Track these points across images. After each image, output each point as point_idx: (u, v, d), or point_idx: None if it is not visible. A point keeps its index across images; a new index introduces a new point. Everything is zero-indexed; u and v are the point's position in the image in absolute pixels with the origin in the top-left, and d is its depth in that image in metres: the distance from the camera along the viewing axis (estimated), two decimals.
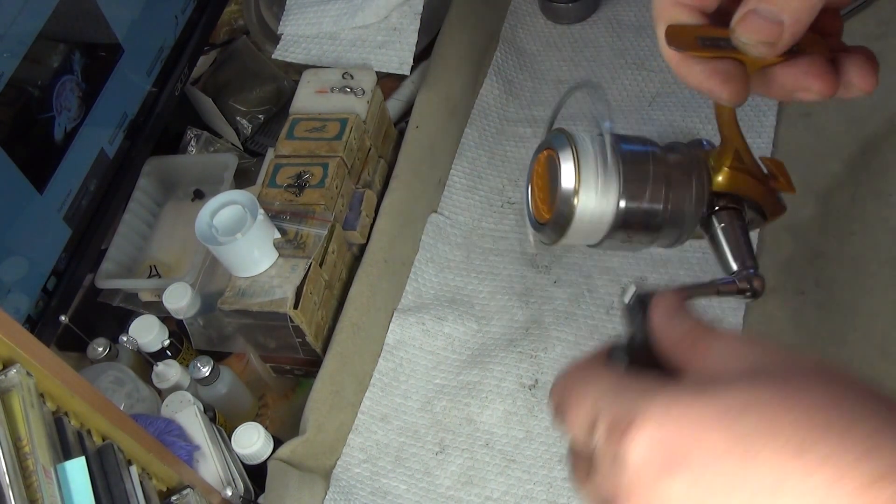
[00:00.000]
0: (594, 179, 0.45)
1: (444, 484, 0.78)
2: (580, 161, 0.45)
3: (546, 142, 0.48)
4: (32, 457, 0.47)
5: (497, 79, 1.04)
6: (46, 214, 0.81)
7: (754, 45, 0.39)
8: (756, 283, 0.47)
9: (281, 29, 1.09)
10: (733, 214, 0.49)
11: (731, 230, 0.48)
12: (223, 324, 0.87)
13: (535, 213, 0.48)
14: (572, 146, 0.45)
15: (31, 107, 0.78)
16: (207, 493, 0.67)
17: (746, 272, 0.47)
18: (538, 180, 0.48)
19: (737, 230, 0.48)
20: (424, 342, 0.86)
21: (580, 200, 0.45)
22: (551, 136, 0.47)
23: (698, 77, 0.41)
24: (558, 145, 0.46)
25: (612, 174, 0.45)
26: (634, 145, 0.47)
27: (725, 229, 0.48)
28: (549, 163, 0.47)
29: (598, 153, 0.46)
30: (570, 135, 0.46)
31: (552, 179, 0.46)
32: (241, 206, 0.80)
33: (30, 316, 0.79)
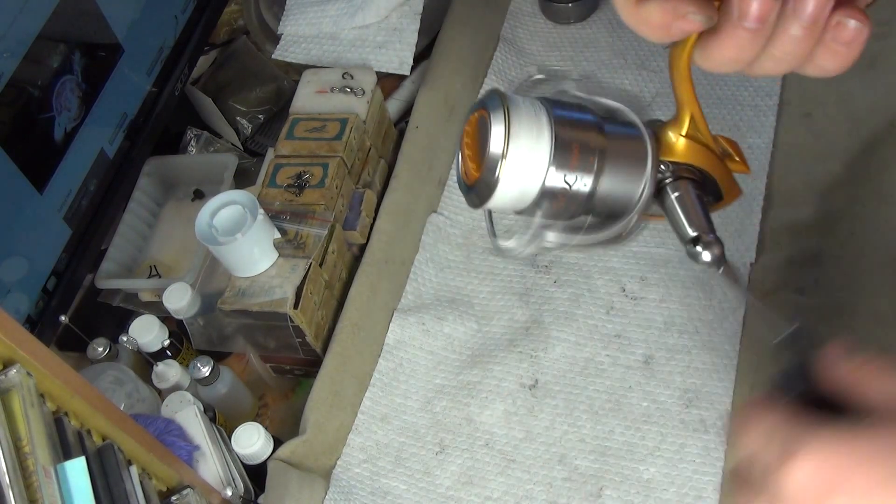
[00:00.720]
0: (523, 143, 0.43)
1: (444, 484, 0.78)
2: (511, 123, 0.43)
3: (480, 102, 0.46)
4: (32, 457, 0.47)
5: (497, 79, 1.04)
6: (46, 214, 0.81)
7: None
8: (716, 248, 0.45)
9: (281, 29, 1.09)
10: (689, 184, 0.47)
11: (687, 197, 0.47)
12: (223, 324, 0.87)
13: (463, 174, 0.47)
14: (505, 107, 0.44)
15: (31, 107, 0.78)
16: (207, 493, 0.67)
17: (706, 237, 0.46)
18: (468, 140, 0.47)
19: (692, 197, 0.47)
20: (424, 342, 0.86)
21: (506, 164, 0.43)
22: (485, 97, 0.46)
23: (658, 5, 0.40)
24: (491, 106, 0.45)
25: (544, 139, 0.44)
26: (571, 111, 0.46)
27: (680, 197, 0.47)
28: (479, 123, 0.46)
29: (531, 116, 0.44)
30: (504, 95, 0.45)
31: (482, 141, 0.45)
32: (241, 206, 0.80)
33: (30, 316, 0.79)
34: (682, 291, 0.83)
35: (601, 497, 0.74)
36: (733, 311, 0.80)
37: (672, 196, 0.47)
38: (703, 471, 0.73)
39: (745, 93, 0.94)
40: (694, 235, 0.46)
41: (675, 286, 0.84)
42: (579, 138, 0.44)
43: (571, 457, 0.77)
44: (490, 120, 0.44)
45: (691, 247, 0.46)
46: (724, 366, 0.78)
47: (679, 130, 0.47)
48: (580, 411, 0.79)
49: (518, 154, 0.43)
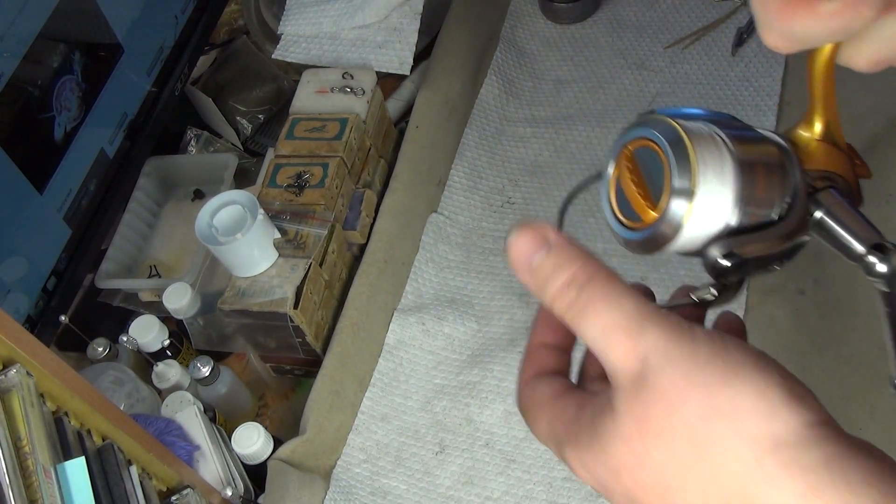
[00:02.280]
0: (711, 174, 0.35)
1: (444, 484, 0.78)
2: (696, 154, 0.35)
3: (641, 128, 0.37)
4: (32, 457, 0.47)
5: (497, 79, 1.04)
6: (46, 214, 0.81)
7: None
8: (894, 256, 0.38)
9: (281, 29, 1.09)
10: (833, 193, 0.39)
11: (839, 209, 0.39)
12: (223, 324, 0.87)
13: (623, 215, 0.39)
14: (683, 136, 0.36)
15: (31, 107, 0.78)
16: (207, 493, 0.67)
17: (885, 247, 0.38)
18: (633, 177, 0.38)
19: (845, 206, 0.39)
20: (424, 342, 0.86)
21: (696, 204, 0.35)
22: (647, 123, 0.37)
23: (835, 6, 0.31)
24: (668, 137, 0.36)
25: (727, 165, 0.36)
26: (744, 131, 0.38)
27: (831, 211, 0.39)
28: (639, 157, 0.38)
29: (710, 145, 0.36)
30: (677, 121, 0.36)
31: (648, 175, 0.37)
32: (241, 206, 0.80)
33: (30, 316, 0.79)
34: None
35: (601, 497, 0.74)
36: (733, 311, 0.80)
37: (822, 211, 0.39)
38: None
39: (746, 93, 0.94)
40: (875, 243, 0.38)
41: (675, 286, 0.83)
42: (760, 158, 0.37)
43: None
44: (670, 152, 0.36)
45: (869, 257, 0.39)
46: None
47: (813, 135, 0.40)
48: None
49: (708, 191, 0.36)
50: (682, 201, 0.36)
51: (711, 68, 0.98)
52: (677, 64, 1.00)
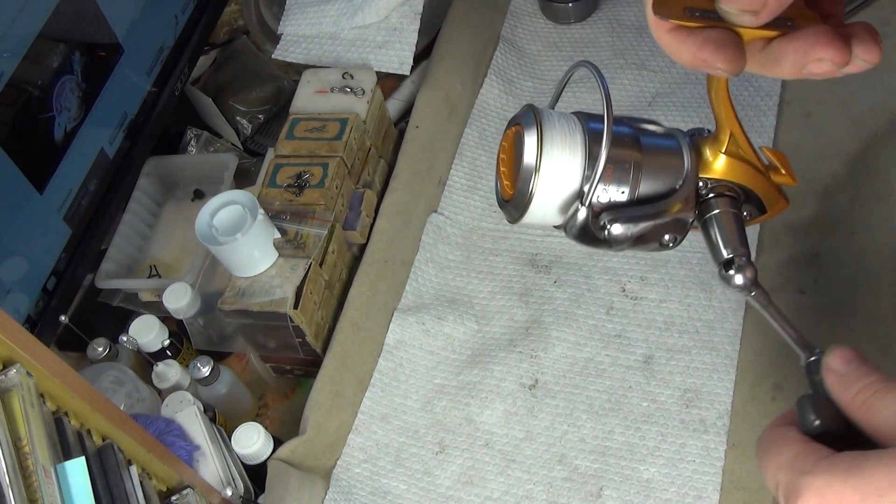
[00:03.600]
0: (557, 157, 0.43)
1: (444, 484, 0.78)
2: (544, 137, 0.43)
3: (515, 117, 0.46)
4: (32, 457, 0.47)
5: (497, 79, 1.04)
6: (46, 214, 0.81)
7: (737, 15, 0.38)
8: (749, 271, 0.45)
9: (281, 29, 1.09)
10: (727, 202, 0.47)
11: (724, 217, 0.47)
12: (223, 324, 0.87)
13: (500, 189, 0.47)
14: (538, 122, 0.44)
15: (31, 107, 0.78)
16: (207, 493, 0.67)
17: (739, 259, 0.45)
18: (504, 156, 0.47)
19: (730, 217, 0.47)
20: (424, 342, 0.86)
21: (539, 178, 0.43)
22: (520, 112, 0.46)
23: (690, 49, 0.40)
24: (525, 121, 0.45)
25: (577, 153, 0.44)
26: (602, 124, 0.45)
27: (718, 216, 0.47)
28: (515, 138, 0.46)
29: (565, 130, 0.44)
30: (537, 110, 0.45)
31: (517, 156, 0.45)
32: (241, 206, 0.80)
33: (30, 316, 0.79)
34: (682, 291, 0.83)
35: (601, 497, 0.74)
36: (733, 311, 0.80)
37: (708, 214, 0.47)
38: (703, 471, 0.73)
39: (745, 93, 0.94)
40: (728, 258, 0.46)
41: (675, 286, 0.84)
42: (614, 152, 0.44)
43: (571, 457, 0.77)
44: (524, 135, 0.44)
45: (724, 269, 0.46)
46: (724, 366, 0.78)
47: (718, 148, 0.47)
48: (580, 411, 0.79)
49: (551, 167, 0.43)
50: (530, 175, 0.43)
51: None
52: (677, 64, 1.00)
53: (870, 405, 0.39)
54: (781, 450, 0.40)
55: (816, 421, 0.40)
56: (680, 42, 0.40)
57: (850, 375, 0.40)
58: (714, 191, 0.47)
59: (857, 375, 0.40)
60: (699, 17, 0.40)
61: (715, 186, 0.47)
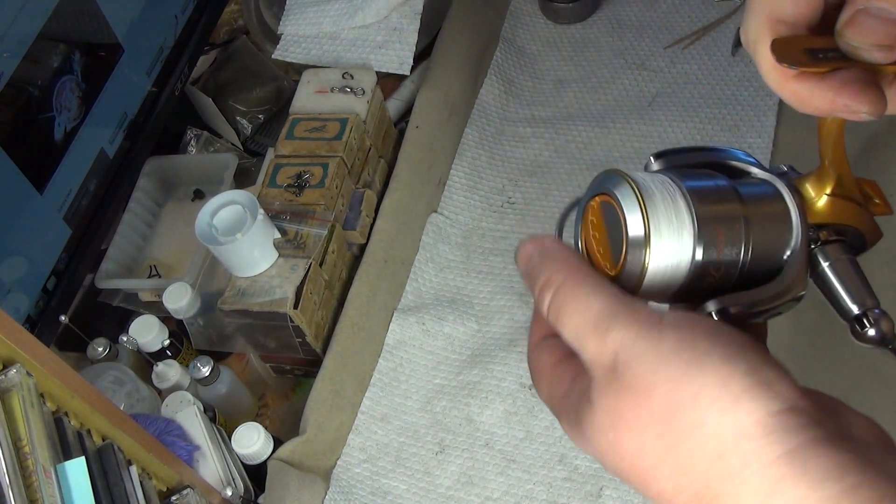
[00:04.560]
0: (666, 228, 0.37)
1: (444, 484, 0.78)
2: (647, 207, 0.37)
3: (597, 186, 0.40)
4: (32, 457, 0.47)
5: (497, 79, 1.04)
6: (46, 214, 0.81)
7: (868, 50, 0.34)
8: (885, 324, 0.40)
9: (281, 29, 1.09)
10: (840, 248, 0.42)
11: (842, 266, 0.41)
12: (223, 324, 0.87)
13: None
14: (635, 190, 0.38)
15: (31, 107, 0.78)
16: (207, 493, 0.67)
17: (872, 313, 0.40)
18: (595, 233, 0.40)
19: (847, 265, 0.41)
20: (424, 342, 0.86)
21: (651, 254, 0.37)
22: (605, 179, 0.39)
23: (827, 94, 0.35)
24: (618, 190, 0.38)
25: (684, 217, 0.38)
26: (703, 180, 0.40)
27: (834, 266, 0.41)
28: (604, 211, 0.39)
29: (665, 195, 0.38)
30: (628, 176, 0.38)
31: (612, 230, 0.38)
32: (241, 206, 0.80)
33: (30, 316, 0.79)
34: None
35: (601, 497, 0.74)
36: None
37: (824, 265, 0.41)
38: None
39: (745, 93, 0.94)
40: (858, 313, 0.41)
41: None
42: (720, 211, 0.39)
43: (571, 457, 0.77)
44: (620, 207, 0.38)
45: (856, 325, 0.41)
46: None
47: (822, 188, 0.41)
48: None
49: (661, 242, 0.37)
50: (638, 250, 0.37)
51: (711, 68, 0.98)
52: (677, 64, 1.00)
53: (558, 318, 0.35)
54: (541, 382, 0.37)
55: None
56: (811, 89, 0.36)
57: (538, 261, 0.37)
58: (821, 236, 0.41)
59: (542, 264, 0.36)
60: (826, 60, 0.36)
61: (818, 232, 0.41)
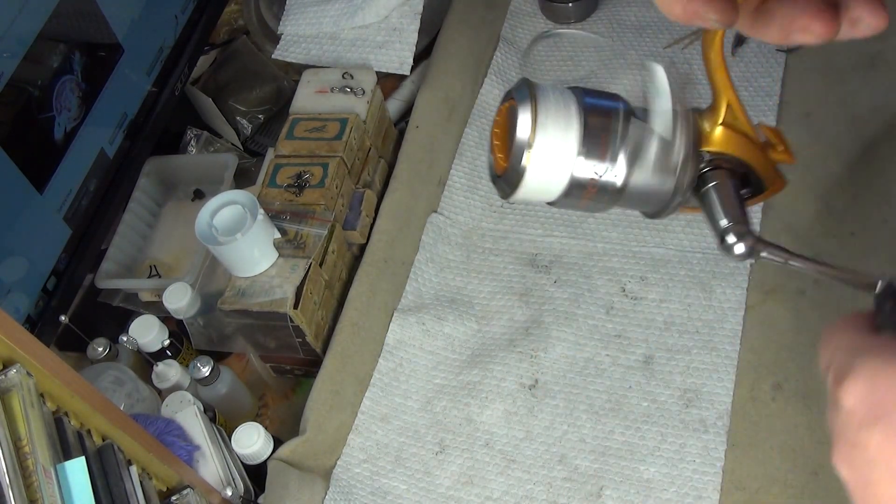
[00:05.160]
0: (551, 132, 0.42)
1: (444, 484, 0.78)
2: (538, 112, 0.42)
3: (509, 91, 0.45)
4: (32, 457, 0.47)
5: (497, 79, 1.04)
6: (46, 214, 0.81)
7: None
8: (749, 240, 0.43)
9: (281, 29, 1.09)
10: (725, 174, 0.45)
11: (722, 187, 0.45)
12: (223, 324, 0.87)
13: (493, 164, 0.46)
14: (532, 96, 0.43)
15: (31, 107, 0.78)
16: (207, 493, 0.67)
17: (738, 227, 0.44)
18: (497, 130, 0.45)
19: (729, 188, 0.45)
20: (424, 342, 0.86)
21: (533, 153, 0.42)
22: (514, 86, 0.45)
23: (681, 1, 0.39)
24: (519, 96, 0.43)
25: (572, 128, 0.42)
26: (601, 100, 0.44)
27: (716, 187, 0.45)
28: (509, 113, 0.44)
29: (559, 104, 0.42)
30: (532, 85, 0.43)
31: (511, 130, 0.43)
32: (241, 206, 0.80)
33: (30, 316, 0.79)
34: (682, 291, 0.83)
35: (601, 497, 0.74)
36: (733, 311, 0.80)
37: (707, 186, 0.45)
38: (703, 471, 0.73)
39: (745, 93, 0.94)
40: (726, 226, 0.44)
41: (675, 286, 0.84)
42: (609, 127, 0.43)
43: (571, 457, 0.77)
44: (517, 109, 0.43)
45: (723, 238, 0.44)
46: (724, 366, 0.78)
47: (716, 119, 0.46)
48: (580, 411, 0.79)
49: (545, 143, 0.42)
50: (522, 150, 0.42)
51: None
52: (677, 64, 1.00)
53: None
54: (844, 333, 0.38)
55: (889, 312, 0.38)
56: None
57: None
58: (711, 164, 0.46)
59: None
60: None
61: (712, 160, 0.46)
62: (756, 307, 0.80)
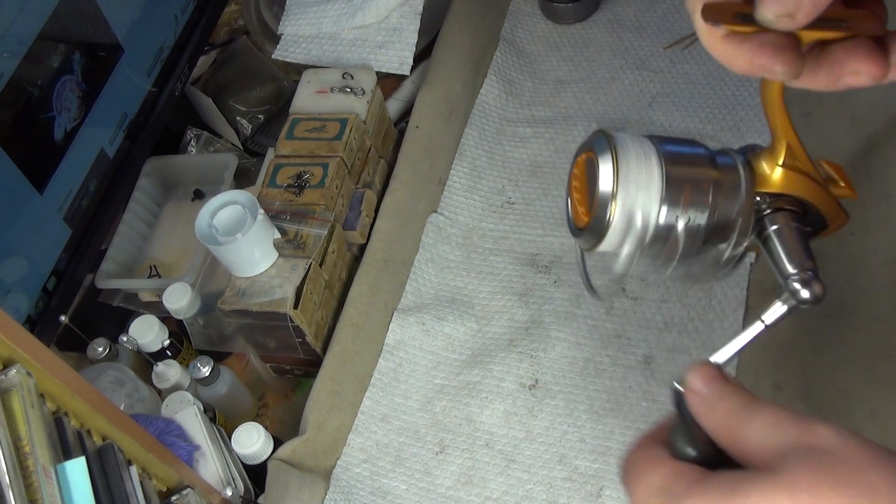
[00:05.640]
0: (634, 182, 0.42)
1: (444, 484, 0.78)
2: (619, 162, 0.42)
3: (586, 143, 0.45)
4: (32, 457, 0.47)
5: (497, 79, 1.04)
6: (46, 214, 0.81)
7: (776, 20, 0.37)
8: (816, 287, 0.43)
9: (281, 29, 1.09)
10: (788, 216, 0.45)
11: (787, 231, 0.45)
12: (223, 324, 0.87)
13: (574, 217, 0.46)
14: (612, 147, 0.43)
15: (31, 107, 0.78)
16: (207, 493, 0.67)
17: (804, 274, 0.43)
18: (577, 183, 0.46)
19: (793, 231, 0.45)
20: (424, 342, 0.86)
21: (618, 204, 0.42)
22: (591, 138, 0.45)
23: (747, 54, 0.39)
24: (598, 147, 0.44)
25: (654, 177, 0.42)
26: (679, 146, 0.44)
27: (779, 231, 0.45)
28: (587, 165, 0.45)
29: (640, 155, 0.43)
30: (609, 136, 0.44)
31: (591, 183, 0.44)
32: (241, 206, 0.80)
33: (30, 316, 0.79)
34: (682, 291, 0.83)
35: (601, 497, 0.74)
36: (733, 311, 0.80)
37: (770, 229, 0.45)
38: None
39: (745, 93, 0.94)
40: (793, 273, 0.44)
41: (675, 286, 0.84)
42: (691, 175, 0.43)
43: (571, 457, 0.77)
44: (598, 161, 0.43)
45: (790, 283, 0.44)
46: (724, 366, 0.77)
47: (775, 160, 0.45)
48: (580, 411, 0.79)
49: (629, 195, 0.42)
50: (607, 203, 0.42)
51: (711, 68, 0.98)
52: (677, 64, 1.00)
53: (735, 430, 0.38)
54: (651, 473, 0.38)
55: (689, 450, 0.39)
56: (735, 48, 0.39)
57: (711, 398, 0.40)
58: (773, 206, 0.45)
59: (719, 397, 0.39)
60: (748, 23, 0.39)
61: (774, 201, 0.45)
62: (756, 307, 0.80)
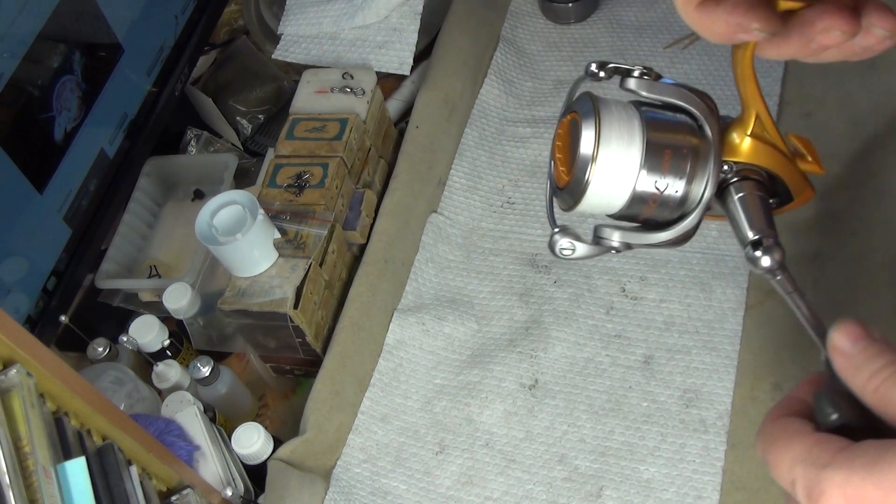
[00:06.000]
0: (614, 147, 0.43)
1: (444, 484, 0.78)
2: (601, 126, 0.43)
3: (571, 105, 0.46)
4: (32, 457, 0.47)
5: (497, 79, 1.04)
6: (46, 214, 0.81)
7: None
8: (776, 253, 0.44)
9: (281, 29, 1.09)
10: (753, 185, 0.46)
11: (751, 199, 0.45)
12: (223, 324, 0.87)
13: (555, 176, 0.46)
14: (595, 110, 0.43)
15: (31, 107, 0.78)
16: (207, 493, 0.67)
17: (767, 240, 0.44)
18: (560, 143, 0.46)
19: (756, 200, 0.45)
20: (424, 342, 0.86)
21: (597, 167, 0.43)
22: (576, 100, 0.45)
23: (722, 16, 0.39)
24: (582, 109, 0.44)
25: (635, 143, 0.43)
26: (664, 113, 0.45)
27: (742, 198, 0.45)
28: (571, 126, 0.45)
29: (622, 119, 0.43)
30: (594, 98, 0.44)
31: (573, 144, 0.44)
32: (241, 206, 0.80)
33: (30, 316, 0.79)
34: (682, 291, 0.83)
35: (601, 497, 0.74)
36: (733, 311, 0.80)
37: (734, 197, 0.46)
38: (702, 471, 0.73)
39: None
40: (754, 238, 0.44)
41: (675, 286, 0.84)
42: (672, 142, 0.44)
43: (571, 457, 0.77)
44: (581, 123, 0.44)
45: (750, 250, 0.44)
46: (724, 366, 0.78)
47: (744, 130, 0.46)
48: (580, 411, 0.79)
49: (609, 157, 0.43)
50: (587, 164, 0.43)
51: (711, 68, 0.98)
52: (677, 64, 1.00)
53: (883, 392, 0.36)
54: (791, 444, 0.37)
55: (834, 415, 0.38)
56: (710, 13, 0.40)
57: (858, 357, 0.38)
58: (739, 174, 0.46)
59: (866, 356, 0.38)
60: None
61: (740, 170, 0.46)
62: (756, 307, 0.80)
